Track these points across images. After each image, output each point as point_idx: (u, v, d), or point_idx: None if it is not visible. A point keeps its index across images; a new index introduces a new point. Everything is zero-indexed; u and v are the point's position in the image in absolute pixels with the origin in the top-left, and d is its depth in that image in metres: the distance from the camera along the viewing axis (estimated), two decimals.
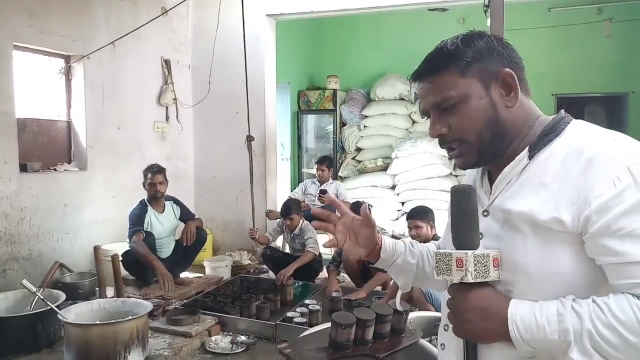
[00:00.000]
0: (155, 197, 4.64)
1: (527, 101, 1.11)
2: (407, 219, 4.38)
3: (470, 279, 1.00)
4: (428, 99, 1.12)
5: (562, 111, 1.11)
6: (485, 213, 1.11)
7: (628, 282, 0.92)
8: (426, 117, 1.16)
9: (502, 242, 1.05)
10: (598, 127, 1.06)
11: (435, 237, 4.11)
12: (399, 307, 1.79)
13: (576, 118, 1.09)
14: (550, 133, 1.06)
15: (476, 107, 1.07)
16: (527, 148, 1.06)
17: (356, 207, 4.75)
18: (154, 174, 4.61)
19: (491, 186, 1.14)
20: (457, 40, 1.09)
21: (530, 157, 1.05)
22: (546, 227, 0.98)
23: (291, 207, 4.87)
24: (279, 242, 5.68)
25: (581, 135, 1.04)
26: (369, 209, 1.35)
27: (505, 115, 1.08)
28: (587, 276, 0.97)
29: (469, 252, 1.01)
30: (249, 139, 5.57)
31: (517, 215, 1.02)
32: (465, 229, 1.04)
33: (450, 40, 1.11)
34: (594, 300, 0.93)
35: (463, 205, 1.05)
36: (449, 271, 1.03)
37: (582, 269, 0.97)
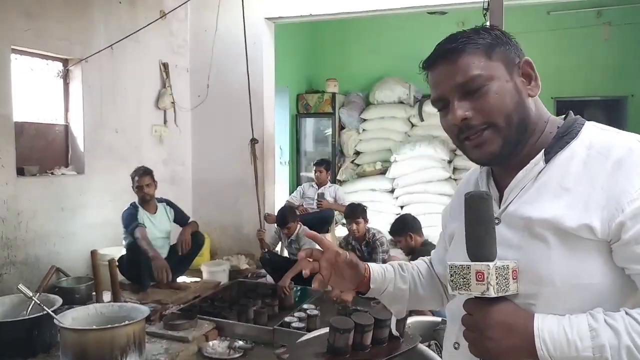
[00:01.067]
0: (144, 199, 4.61)
1: (538, 98, 1.07)
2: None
3: (492, 293, 0.92)
4: (449, 81, 1.02)
5: (571, 112, 1.07)
6: (497, 221, 1.03)
7: None
8: (440, 106, 1.07)
9: (521, 251, 0.98)
10: (614, 129, 1.02)
11: (424, 244, 4.05)
12: (395, 332, 1.79)
13: None
14: (566, 134, 1.01)
15: (504, 89, 1.00)
16: (543, 151, 1.01)
17: (351, 209, 4.72)
18: (141, 177, 4.60)
19: (499, 192, 1.08)
20: (472, 29, 1.05)
21: (547, 161, 1.00)
22: (573, 235, 0.92)
23: (287, 216, 4.82)
24: (278, 245, 5.66)
25: (602, 136, 0.99)
26: (347, 253, 1.25)
27: (528, 104, 1.03)
28: (615, 286, 0.92)
29: (491, 263, 0.93)
30: (253, 142, 5.54)
31: (539, 222, 0.95)
32: (483, 239, 0.96)
33: (463, 30, 1.06)
34: (627, 313, 0.87)
35: (481, 212, 0.96)
36: (467, 285, 0.94)
37: (610, 278, 0.92)
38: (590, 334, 0.86)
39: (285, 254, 5.34)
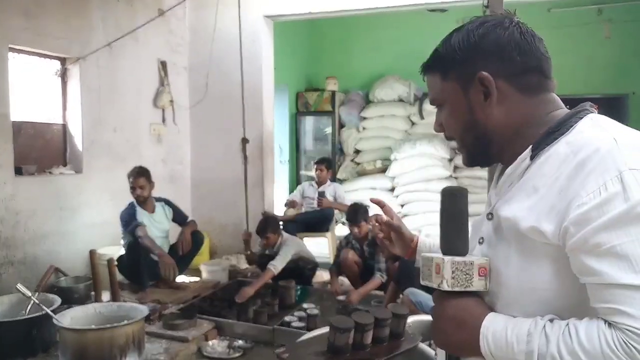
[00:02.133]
0: (138, 200, 4.60)
1: (529, 100, 1.00)
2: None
3: (445, 286, 0.95)
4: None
5: (587, 104, 1.00)
6: (490, 216, 1.03)
7: (603, 306, 0.82)
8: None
9: (492, 249, 1.00)
10: (612, 123, 0.95)
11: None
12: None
13: None
14: (557, 130, 0.94)
15: (454, 110, 1.05)
16: (530, 147, 0.96)
17: (353, 213, 4.70)
18: (135, 178, 4.57)
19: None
20: (450, 38, 1.05)
21: (532, 157, 0.95)
22: (528, 237, 0.90)
23: (266, 226, 4.66)
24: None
25: (585, 132, 0.92)
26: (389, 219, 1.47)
27: (485, 119, 1.01)
28: (570, 295, 0.88)
29: (447, 258, 0.95)
30: (244, 141, 5.51)
31: (505, 221, 0.95)
32: (450, 234, 1.00)
33: (449, 36, 1.06)
34: (568, 324, 0.84)
35: (449, 207, 1.01)
36: (429, 277, 0.99)
37: (564, 286, 0.88)
38: (526, 338, 0.86)
39: None
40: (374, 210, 5.62)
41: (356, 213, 4.61)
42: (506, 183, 1.01)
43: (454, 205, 1.00)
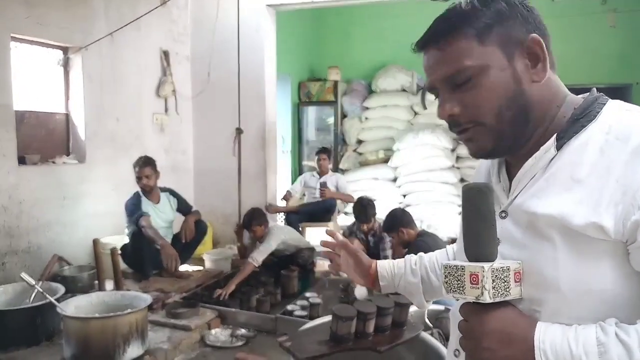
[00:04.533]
0: (144, 190, 4.61)
1: (553, 77, 0.93)
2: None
3: (487, 298, 0.82)
4: (437, 71, 0.92)
5: (595, 89, 0.94)
6: (503, 214, 0.93)
7: None
8: (434, 94, 0.96)
9: (525, 251, 0.87)
10: (637, 107, 0.89)
11: (420, 235, 3.99)
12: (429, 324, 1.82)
13: None
14: (582, 117, 0.88)
15: (497, 80, 0.88)
16: (555, 136, 0.88)
17: (362, 204, 4.63)
18: (141, 167, 4.58)
19: (510, 182, 0.96)
20: (472, 0, 0.90)
21: (559, 147, 0.87)
22: (582, 234, 0.80)
23: (251, 219, 4.65)
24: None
25: (623, 118, 0.85)
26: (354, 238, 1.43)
27: (530, 91, 0.89)
28: (632, 294, 0.81)
29: (486, 265, 0.83)
30: (238, 131, 5.47)
31: (545, 218, 0.84)
32: (480, 237, 0.86)
33: (464, 0, 0.91)
34: None
35: (478, 207, 0.86)
36: (461, 288, 0.85)
37: (626, 285, 0.80)
38: (597, 349, 0.76)
39: None
40: (379, 202, 5.54)
41: (365, 210, 4.55)
42: (526, 176, 0.91)
43: (483, 203, 0.87)
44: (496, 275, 0.83)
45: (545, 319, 0.84)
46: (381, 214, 5.34)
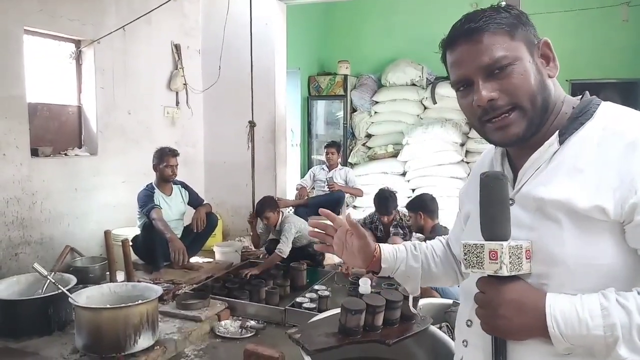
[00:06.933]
0: (168, 179, 4.67)
1: (555, 79, 1.08)
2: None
3: (505, 272, 0.94)
4: (473, 62, 1.01)
5: (587, 93, 1.07)
6: (511, 202, 1.03)
7: None
8: (462, 87, 1.06)
9: (534, 232, 0.99)
10: (631, 110, 1.02)
11: (433, 229, 4.01)
12: (413, 311, 1.85)
13: None
14: (581, 115, 1.02)
15: (528, 69, 1.00)
16: (557, 132, 1.01)
17: (381, 195, 4.57)
18: (172, 157, 4.66)
19: (514, 173, 1.09)
20: (491, 7, 1.04)
21: (561, 142, 1.00)
22: (585, 216, 0.92)
23: (263, 206, 4.75)
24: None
25: (616, 117, 1.00)
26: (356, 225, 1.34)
27: (549, 84, 1.03)
28: (628, 267, 0.93)
29: (504, 243, 0.95)
30: (251, 124, 5.49)
31: (552, 203, 0.96)
32: (497, 218, 0.98)
33: (482, 9, 1.05)
34: (639, 293, 0.88)
35: (496, 192, 0.98)
36: (480, 264, 0.97)
37: (623, 259, 0.93)
38: (601, 312, 0.88)
39: None
40: (399, 195, 5.47)
41: (387, 202, 4.51)
42: (532, 168, 1.03)
43: (500, 190, 0.98)
44: (512, 252, 0.95)
45: (552, 291, 0.95)
46: None
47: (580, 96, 1.07)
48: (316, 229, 1.40)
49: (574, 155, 0.98)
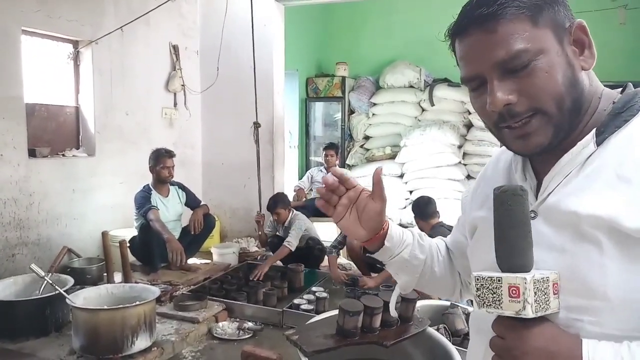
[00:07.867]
0: (165, 180, 4.67)
1: (591, 70, 0.87)
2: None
3: (530, 313, 0.73)
4: (487, 56, 0.81)
5: (631, 85, 0.86)
6: (532, 214, 0.84)
7: None
8: (474, 85, 0.86)
9: (565, 255, 0.79)
10: None
11: (435, 228, 3.95)
12: (393, 313, 1.63)
13: None
14: (624, 111, 0.81)
15: (555, 64, 0.80)
16: (594, 130, 0.81)
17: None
18: (168, 158, 4.67)
19: (537, 179, 0.89)
20: None
21: (599, 143, 0.80)
22: (633, 238, 0.72)
23: (276, 202, 4.82)
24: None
25: None
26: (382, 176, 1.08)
27: (582, 80, 0.83)
28: None
29: (528, 276, 0.74)
30: (256, 125, 5.52)
31: (589, 219, 0.76)
32: (518, 245, 0.78)
33: None
34: None
35: (515, 212, 0.78)
36: (498, 302, 0.76)
37: None
38: None
39: None
40: (396, 197, 5.40)
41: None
42: (560, 174, 0.83)
43: (521, 209, 0.78)
44: (537, 287, 0.75)
45: (588, 329, 0.76)
46: (388, 211, 5.33)
47: (621, 88, 0.87)
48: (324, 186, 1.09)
49: (617, 160, 0.77)
